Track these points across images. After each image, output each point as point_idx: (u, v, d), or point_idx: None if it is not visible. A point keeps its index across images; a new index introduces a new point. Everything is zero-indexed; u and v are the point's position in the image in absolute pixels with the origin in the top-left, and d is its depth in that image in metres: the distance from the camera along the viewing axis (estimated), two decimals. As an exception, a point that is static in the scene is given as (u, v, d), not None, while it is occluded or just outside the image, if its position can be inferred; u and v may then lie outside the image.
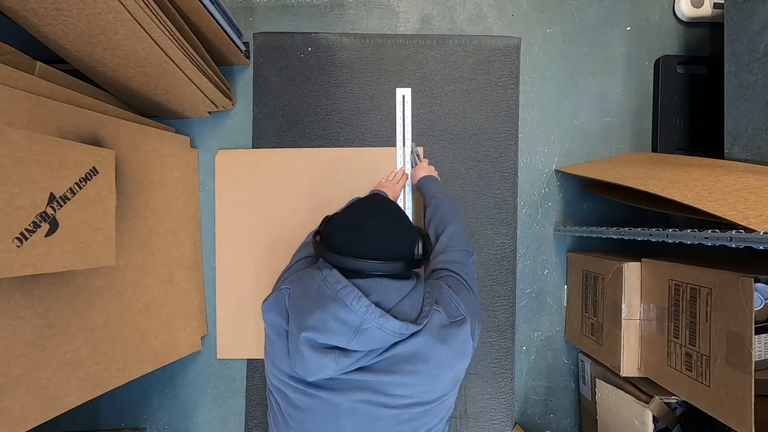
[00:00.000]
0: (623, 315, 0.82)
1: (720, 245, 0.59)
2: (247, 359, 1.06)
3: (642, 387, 0.83)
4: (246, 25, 1.06)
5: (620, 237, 0.83)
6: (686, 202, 0.63)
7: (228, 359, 1.07)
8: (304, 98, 1.07)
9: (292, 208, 1.06)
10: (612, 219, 1.09)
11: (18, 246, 0.58)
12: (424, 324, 0.52)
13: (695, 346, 0.68)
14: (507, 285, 1.07)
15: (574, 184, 1.09)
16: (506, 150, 1.08)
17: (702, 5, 1.05)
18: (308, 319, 0.50)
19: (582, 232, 0.98)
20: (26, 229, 0.58)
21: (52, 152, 0.63)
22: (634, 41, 1.09)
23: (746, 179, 0.69)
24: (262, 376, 1.06)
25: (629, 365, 0.82)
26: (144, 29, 0.69)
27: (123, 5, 0.63)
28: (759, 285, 0.83)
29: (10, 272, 0.56)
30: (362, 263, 0.52)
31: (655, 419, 0.79)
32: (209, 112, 1.05)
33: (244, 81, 1.08)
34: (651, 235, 0.73)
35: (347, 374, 0.51)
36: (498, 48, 1.07)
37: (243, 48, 1.02)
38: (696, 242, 0.63)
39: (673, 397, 0.78)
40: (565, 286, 1.09)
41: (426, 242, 0.62)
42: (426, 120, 1.07)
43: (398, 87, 1.07)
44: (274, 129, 1.07)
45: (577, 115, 1.09)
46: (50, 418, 0.66)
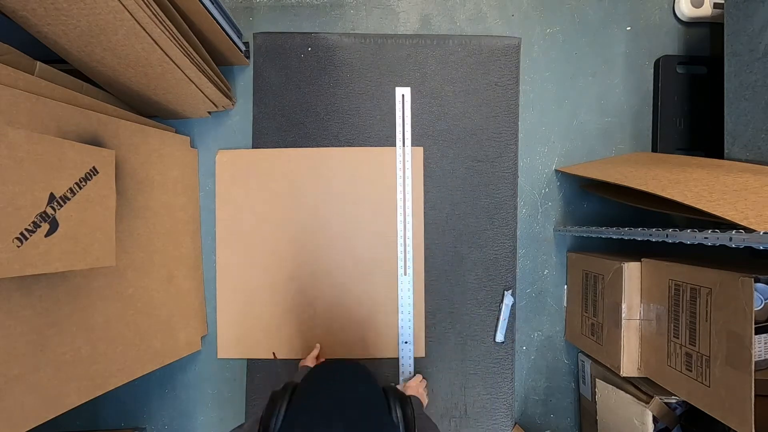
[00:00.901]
0: (623, 315, 0.82)
1: (720, 245, 0.59)
2: (247, 359, 1.06)
3: (642, 387, 0.83)
4: (246, 25, 1.06)
5: (620, 237, 0.83)
6: (686, 202, 0.63)
7: (228, 359, 1.07)
8: (304, 98, 1.07)
9: (293, 208, 1.06)
10: (612, 219, 1.09)
11: (18, 246, 0.58)
12: None
13: (695, 346, 0.68)
14: (507, 285, 1.07)
15: (574, 184, 1.09)
16: (506, 150, 1.08)
17: (702, 5, 1.05)
18: None
19: (582, 232, 0.99)
20: (26, 229, 0.58)
21: (52, 152, 0.63)
22: (634, 41, 1.09)
23: (746, 179, 0.69)
24: (262, 376, 1.06)
25: (629, 365, 0.82)
26: (144, 29, 0.69)
27: (123, 5, 0.63)
28: (759, 285, 0.82)
29: (10, 272, 0.56)
30: None
31: (655, 419, 0.79)
32: (209, 112, 1.05)
33: (244, 81, 1.08)
34: (651, 235, 0.73)
35: None
36: (498, 48, 1.07)
37: (243, 48, 1.02)
38: (696, 242, 0.63)
39: (673, 397, 0.78)
40: (565, 286, 1.09)
41: (405, 407, 0.49)
42: (426, 120, 1.07)
43: (398, 86, 1.07)
44: (274, 129, 1.07)
45: (577, 115, 1.09)
46: (50, 418, 0.66)
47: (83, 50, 0.73)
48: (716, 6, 1.03)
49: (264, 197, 1.06)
